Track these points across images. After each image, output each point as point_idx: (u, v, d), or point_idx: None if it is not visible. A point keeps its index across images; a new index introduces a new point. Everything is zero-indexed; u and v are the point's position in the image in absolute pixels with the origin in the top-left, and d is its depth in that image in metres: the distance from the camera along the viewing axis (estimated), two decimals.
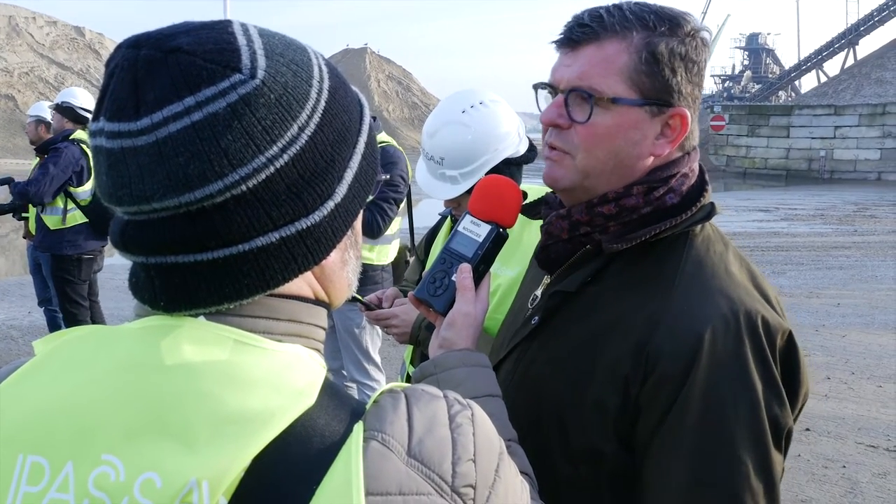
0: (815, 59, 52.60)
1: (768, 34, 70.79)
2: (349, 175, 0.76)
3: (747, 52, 69.50)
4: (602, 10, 1.10)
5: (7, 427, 0.70)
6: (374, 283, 3.85)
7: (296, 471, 0.67)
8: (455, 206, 2.20)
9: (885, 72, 36.17)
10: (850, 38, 48.27)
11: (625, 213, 1.11)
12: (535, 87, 1.17)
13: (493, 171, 2.10)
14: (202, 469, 0.65)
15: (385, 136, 4.03)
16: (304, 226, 0.72)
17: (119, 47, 0.71)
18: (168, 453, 0.65)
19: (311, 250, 0.73)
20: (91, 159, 0.76)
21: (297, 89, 0.71)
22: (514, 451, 0.98)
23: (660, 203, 1.11)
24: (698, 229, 1.12)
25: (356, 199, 0.77)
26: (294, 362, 0.72)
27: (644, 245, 1.09)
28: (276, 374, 0.70)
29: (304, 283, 0.77)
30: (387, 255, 4.04)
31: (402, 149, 4.05)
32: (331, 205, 0.74)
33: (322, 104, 0.73)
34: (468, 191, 2.09)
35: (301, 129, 0.71)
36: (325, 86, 0.75)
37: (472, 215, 1.18)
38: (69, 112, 5.60)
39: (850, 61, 46.45)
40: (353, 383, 4.05)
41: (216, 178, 0.67)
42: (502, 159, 2.13)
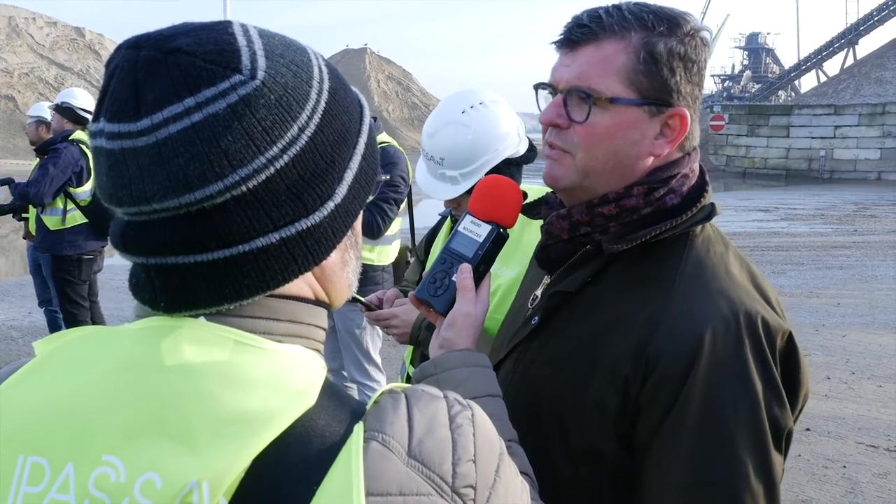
0: (815, 59, 52.62)
1: (768, 34, 70.85)
2: (349, 176, 0.76)
3: (747, 52, 69.53)
4: (601, 11, 1.10)
5: (7, 428, 0.70)
6: (374, 284, 3.85)
7: (296, 471, 0.67)
8: (455, 207, 2.20)
9: (885, 71, 36.19)
10: (849, 37, 48.28)
11: (625, 214, 1.11)
12: (536, 88, 1.17)
13: (493, 171, 2.10)
14: (202, 470, 0.65)
15: (386, 137, 4.03)
16: (305, 226, 0.72)
17: (119, 48, 0.71)
18: (168, 454, 0.65)
19: (311, 251, 0.74)
20: (90, 160, 0.76)
21: (298, 90, 0.71)
22: (515, 451, 0.98)
23: (660, 204, 1.11)
24: (698, 230, 1.12)
25: (356, 199, 0.77)
26: (294, 363, 0.72)
27: (644, 246, 1.09)
28: (277, 375, 0.70)
29: (305, 284, 0.77)
30: (387, 255, 4.04)
31: (402, 149, 4.05)
32: (331, 205, 0.74)
33: (322, 105, 0.73)
34: (468, 191, 2.09)
35: (301, 130, 0.71)
36: (325, 86, 0.75)
37: (472, 215, 1.18)
38: (69, 112, 5.60)
39: (849, 61, 46.46)
40: (354, 384, 4.05)
41: (216, 179, 0.67)
42: (502, 159, 2.13)
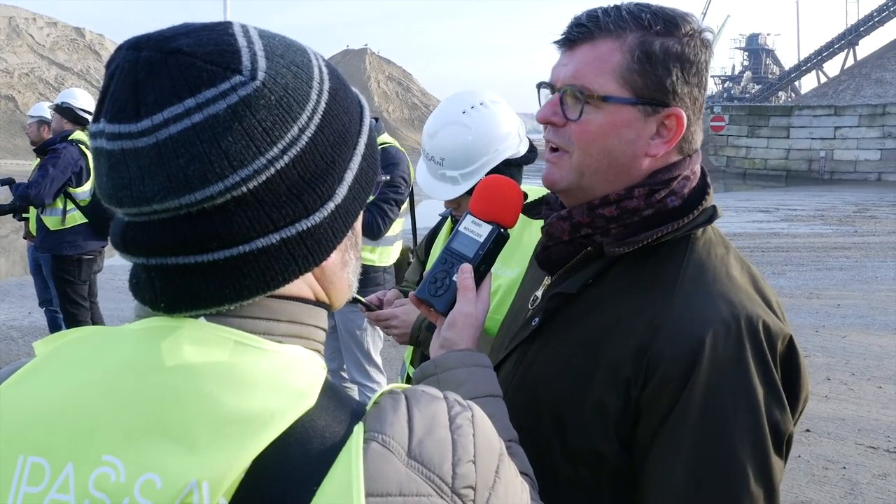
0: (815, 60, 52.64)
1: (768, 35, 70.90)
2: (349, 176, 0.76)
3: (747, 53, 69.56)
4: (599, 11, 1.10)
5: (7, 428, 0.70)
6: (375, 285, 3.84)
7: (296, 472, 0.67)
8: (455, 207, 2.20)
9: (885, 72, 36.21)
10: (849, 38, 48.31)
11: (626, 216, 1.11)
12: (538, 87, 1.17)
13: (493, 171, 2.10)
14: (202, 470, 0.65)
15: (387, 138, 4.02)
16: (305, 227, 0.72)
17: (119, 49, 0.71)
18: (168, 454, 0.65)
19: (311, 251, 0.74)
20: (90, 160, 0.76)
21: (298, 91, 0.71)
22: (515, 451, 0.98)
23: (661, 205, 1.10)
24: (700, 232, 1.12)
25: (356, 200, 0.77)
26: (294, 363, 0.72)
27: (646, 248, 1.09)
28: (277, 376, 0.70)
29: (305, 285, 0.77)
30: (388, 256, 4.03)
31: (403, 150, 4.04)
32: (331, 206, 0.74)
33: (322, 105, 0.73)
34: (468, 191, 2.09)
35: (301, 131, 0.71)
36: (326, 87, 0.75)
37: (473, 215, 1.18)
38: (68, 113, 5.60)
39: (849, 62, 46.51)
40: (354, 384, 4.05)
41: (217, 180, 0.67)
42: (502, 160, 2.14)
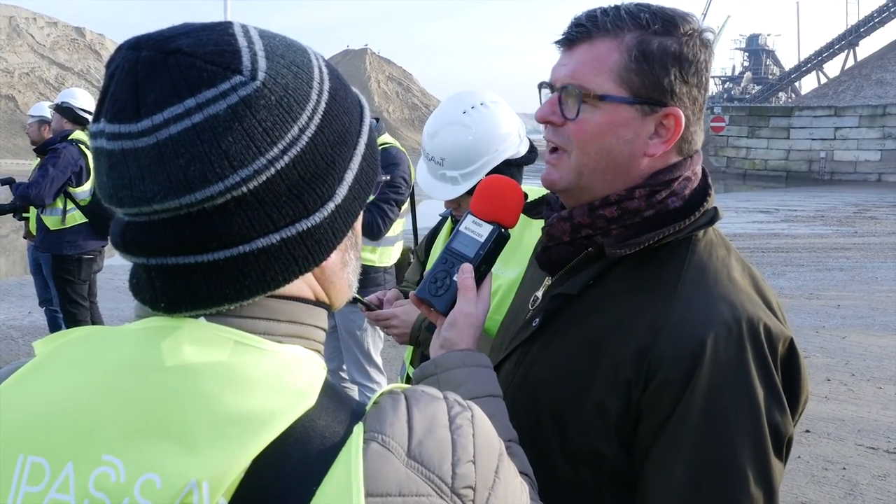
0: (816, 61, 52.67)
1: (768, 35, 70.95)
2: (349, 176, 0.76)
3: (747, 54, 69.61)
4: (598, 11, 1.11)
5: (7, 427, 0.70)
6: (375, 285, 3.84)
7: (296, 472, 0.67)
8: (455, 207, 2.21)
9: (886, 73, 36.22)
10: (850, 39, 48.33)
11: (627, 216, 1.11)
12: (539, 87, 1.18)
13: (493, 171, 2.10)
14: (202, 470, 0.65)
15: (388, 138, 4.02)
16: (305, 227, 0.72)
17: (119, 49, 0.71)
18: (168, 454, 0.65)
19: (311, 251, 0.74)
20: (90, 159, 0.76)
21: (298, 91, 0.71)
22: (514, 451, 0.98)
23: (662, 206, 1.10)
24: (701, 234, 1.12)
25: (356, 200, 0.77)
26: (294, 363, 0.72)
27: (647, 249, 1.09)
28: (276, 376, 0.70)
29: (305, 285, 0.77)
30: (389, 256, 4.03)
31: (404, 150, 4.04)
32: (331, 206, 0.74)
33: (322, 105, 0.73)
34: (469, 191, 2.09)
35: (301, 131, 0.71)
36: (326, 87, 0.75)
37: (473, 215, 1.18)
38: (68, 112, 5.60)
39: (850, 62, 46.51)
40: (354, 384, 4.04)
41: (217, 180, 0.67)
42: (503, 160, 2.14)
